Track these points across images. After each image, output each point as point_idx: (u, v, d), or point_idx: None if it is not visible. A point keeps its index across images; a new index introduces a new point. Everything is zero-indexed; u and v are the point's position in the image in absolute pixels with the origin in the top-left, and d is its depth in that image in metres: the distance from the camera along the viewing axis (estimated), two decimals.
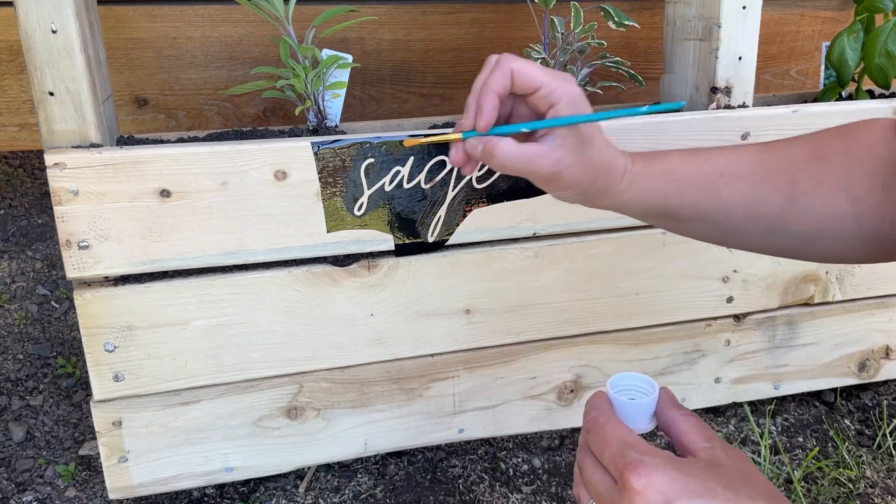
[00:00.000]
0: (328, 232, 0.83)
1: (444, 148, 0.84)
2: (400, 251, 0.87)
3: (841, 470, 1.05)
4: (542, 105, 0.64)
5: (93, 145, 0.77)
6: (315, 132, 0.87)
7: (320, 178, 0.81)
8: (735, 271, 1.00)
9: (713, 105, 0.95)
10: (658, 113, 0.63)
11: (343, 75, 0.89)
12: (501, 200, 0.88)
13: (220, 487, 0.99)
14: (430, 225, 0.87)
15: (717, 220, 0.71)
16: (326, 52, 0.87)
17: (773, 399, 1.16)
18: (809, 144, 0.69)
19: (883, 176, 0.66)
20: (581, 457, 0.53)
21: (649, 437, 1.05)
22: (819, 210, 0.67)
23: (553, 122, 0.63)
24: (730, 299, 1.02)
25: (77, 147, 0.77)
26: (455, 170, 0.85)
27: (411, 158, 0.83)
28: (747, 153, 0.70)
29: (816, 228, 0.68)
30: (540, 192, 0.87)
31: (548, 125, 0.63)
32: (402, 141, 0.76)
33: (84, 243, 0.77)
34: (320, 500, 0.98)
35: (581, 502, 0.53)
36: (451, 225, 0.87)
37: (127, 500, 0.95)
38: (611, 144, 0.68)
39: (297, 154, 0.80)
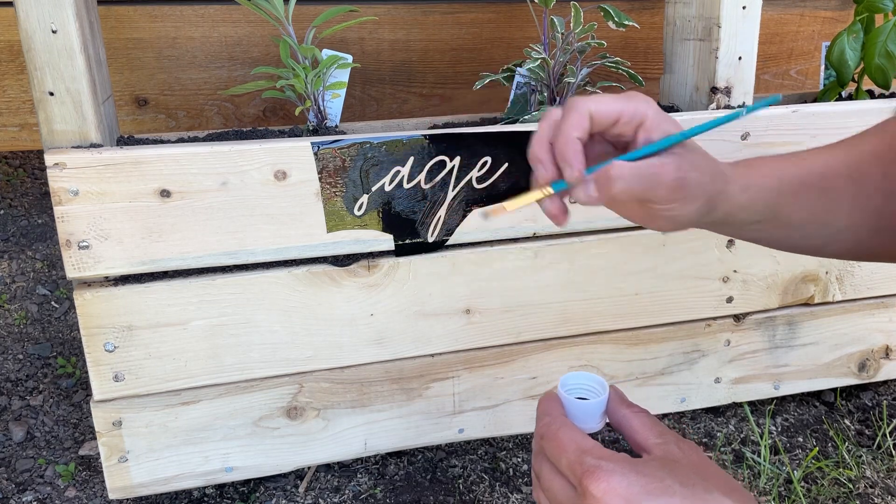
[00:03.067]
0: (328, 232, 0.83)
1: (443, 148, 0.84)
2: (400, 251, 0.87)
3: (841, 470, 1.05)
4: (627, 130, 0.59)
5: (93, 145, 0.77)
6: (315, 132, 0.87)
7: (320, 178, 0.81)
8: (735, 271, 1.00)
9: (713, 105, 0.95)
10: (758, 110, 0.60)
11: (343, 75, 0.89)
12: (501, 200, 0.88)
13: (220, 487, 0.99)
14: (430, 225, 0.87)
15: (826, 222, 0.66)
16: (326, 52, 0.87)
17: (773, 399, 1.16)
18: (881, 137, 0.66)
19: None
20: (537, 463, 0.53)
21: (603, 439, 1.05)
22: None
23: (662, 144, 0.58)
24: (730, 299, 1.02)
25: (77, 147, 0.77)
26: (455, 170, 0.85)
27: (411, 159, 0.83)
28: (834, 150, 0.67)
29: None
30: None
31: (656, 148, 0.58)
32: (488, 211, 0.66)
33: (84, 243, 0.77)
34: (320, 500, 0.98)
35: None
36: (451, 225, 0.87)
37: (127, 500, 0.95)
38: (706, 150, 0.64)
39: (297, 154, 0.80)
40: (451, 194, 0.86)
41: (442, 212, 0.86)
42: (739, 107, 0.96)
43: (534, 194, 0.61)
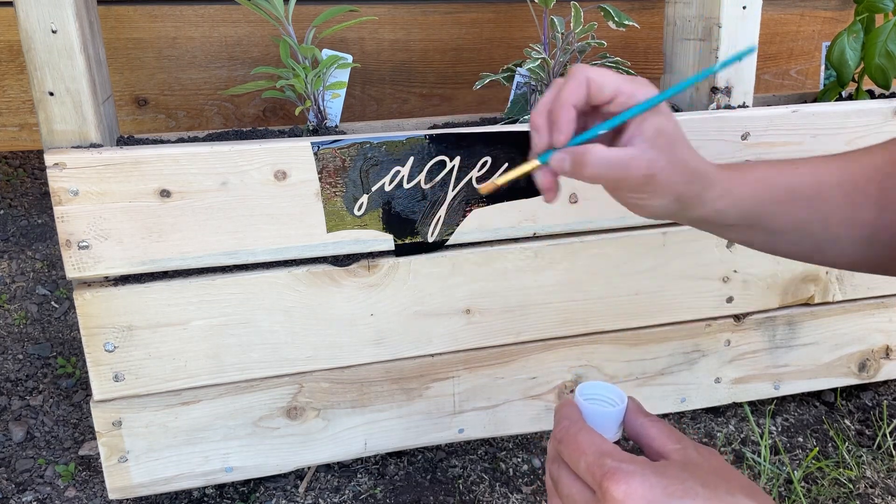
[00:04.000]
0: (328, 232, 0.83)
1: (443, 148, 0.84)
2: (400, 251, 0.87)
3: (841, 470, 1.05)
4: (622, 110, 0.61)
5: (93, 145, 0.77)
6: (315, 132, 0.87)
7: (320, 178, 0.81)
8: (735, 271, 1.00)
9: (713, 105, 0.95)
10: (732, 64, 0.61)
11: (343, 75, 0.89)
12: (501, 200, 0.88)
13: (220, 487, 0.99)
14: (430, 225, 0.87)
15: (813, 231, 0.67)
16: (326, 52, 0.87)
17: (773, 399, 1.16)
18: (886, 151, 0.66)
19: None
20: (554, 469, 0.52)
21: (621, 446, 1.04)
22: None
23: (632, 112, 0.60)
24: (730, 299, 1.02)
25: (77, 147, 0.77)
26: (455, 170, 0.85)
27: (411, 159, 0.83)
28: (830, 161, 0.67)
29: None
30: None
31: (627, 116, 0.60)
32: (479, 188, 0.69)
33: (84, 243, 0.77)
34: (320, 500, 0.98)
35: None
36: (451, 225, 0.87)
37: (127, 500, 0.95)
38: (697, 152, 0.64)
39: (297, 154, 0.80)
40: (451, 194, 0.86)
41: (442, 212, 0.86)
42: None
43: (524, 167, 0.62)
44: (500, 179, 0.65)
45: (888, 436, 1.11)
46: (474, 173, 0.86)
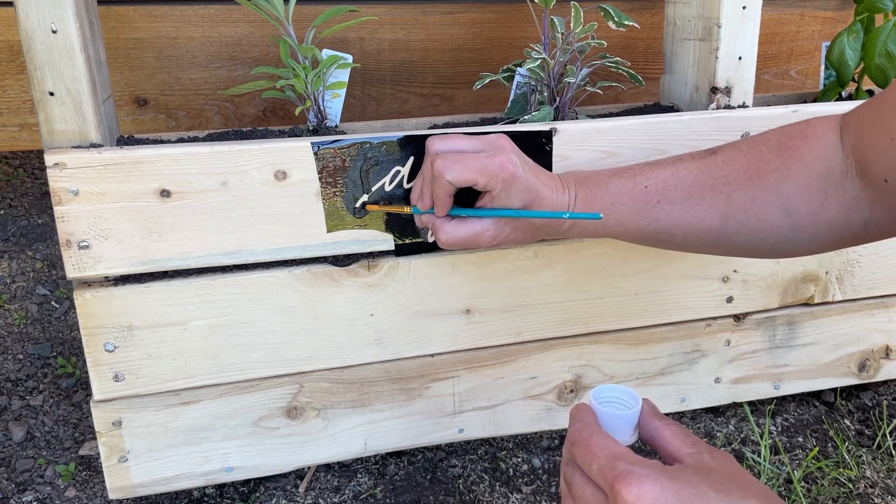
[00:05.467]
0: (328, 232, 0.84)
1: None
2: (400, 251, 0.87)
3: (841, 470, 1.05)
4: (482, 192, 0.73)
5: (93, 145, 0.77)
6: (315, 132, 0.87)
7: (320, 178, 0.81)
8: (735, 271, 1.01)
9: (713, 105, 0.95)
10: (578, 219, 0.75)
11: (343, 75, 0.89)
12: None
13: (220, 487, 0.99)
14: None
15: (660, 240, 0.77)
16: (326, 52, 0.87)
17: (773, 399, 1.16)
18: (746, 160, 0.72)
19: (820, 184, 0.69)
20: (568, 471, 0.52)
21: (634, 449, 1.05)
22: (755, 224, 0.71)
23: (495, 213, 0.74)
24: (730, 299, 1.02)
25: (77, 147, 0.77)
26: None
27: (411, 158, 0.83)
28: (686, 171, 0.74)
29: (755, 239, 0.72)
30: None
31: (490, 214, 0.74)
32: (366, 206, 0.83)
33: (84, 243, 0.77)
34: (320, 500, 0.98)
35: None
36: None
37: (127, 500, 0.95)
38: (552, 188, 0.75)
39: (297, 154, 0.80)
40: None
41: None
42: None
43: (399, 207, 0.82)
44: (377, 208, 0.83)
45: (888, 436, 1.11)
46: None
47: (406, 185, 0.84)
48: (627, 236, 0.77)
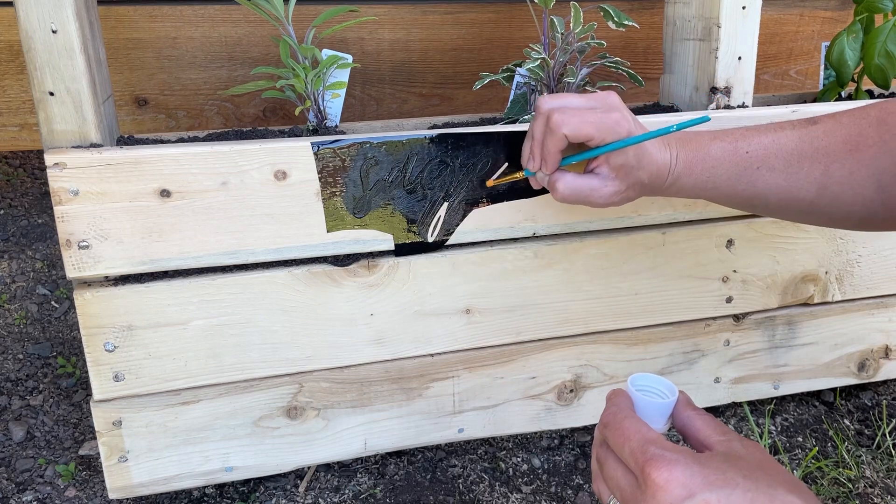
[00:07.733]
0: (328, 232, 0.84)
1: (443, 149, 0.84)
2: (400, 251, 0.87)
3: (840, 470, 1.05)
4: (600, 143, 0.73)
5: (93, 145, 0.77)
6: (315, 132, 0.87)
7: (320, 178, 0.81)
8: (735, 271, 1.01)
9: (713, 105, 0.95)
10: (688, 127, 0.72)
11: (343, 75, 0.89)
12: (501, 200, 0.88)
13: (220, 487, 0.99)
14: (429, 225, 0.87)
15: (753, 205, 0.77)
16: (326, 52, 0.87)
17: (772, 399, 1.16)
18: (846, 133, 0.72)
19: None
20: (601, 453, 0.53)
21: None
22: (849, 197, 0.72)
23: (606, 149, 0.72)
24: (729, 299, 1.02)
25: (77, 147, 0.77)
26: (455, 170, 0.85)
27: (411, 159, 0.83)
28: (787, 139, 0.74)
29: (844, 211, 0.73)
30: (540, 192, 0.87)
31: (601, 152, 0.73)
32: (487, 182, 0.86)
33: (84, 243, 0.77)
34: (320, 499, 0.98)
35: (602, 498, 0.54)
36: (451, 225, 0.87)
37: (127, 499, 0.95)
38: (659, 149, 0.74)
39: (297, 154, 0.80)
40: (451, 194, 0.86)
41: (442, 212, 0.86)
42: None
43: (512, 176, 0.84)
44: (491, 182, 0.85)
45: (887, 435, 1.11)
46: (474, 173, 0.86)
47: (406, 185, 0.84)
48: (720, 199, 0.78)
